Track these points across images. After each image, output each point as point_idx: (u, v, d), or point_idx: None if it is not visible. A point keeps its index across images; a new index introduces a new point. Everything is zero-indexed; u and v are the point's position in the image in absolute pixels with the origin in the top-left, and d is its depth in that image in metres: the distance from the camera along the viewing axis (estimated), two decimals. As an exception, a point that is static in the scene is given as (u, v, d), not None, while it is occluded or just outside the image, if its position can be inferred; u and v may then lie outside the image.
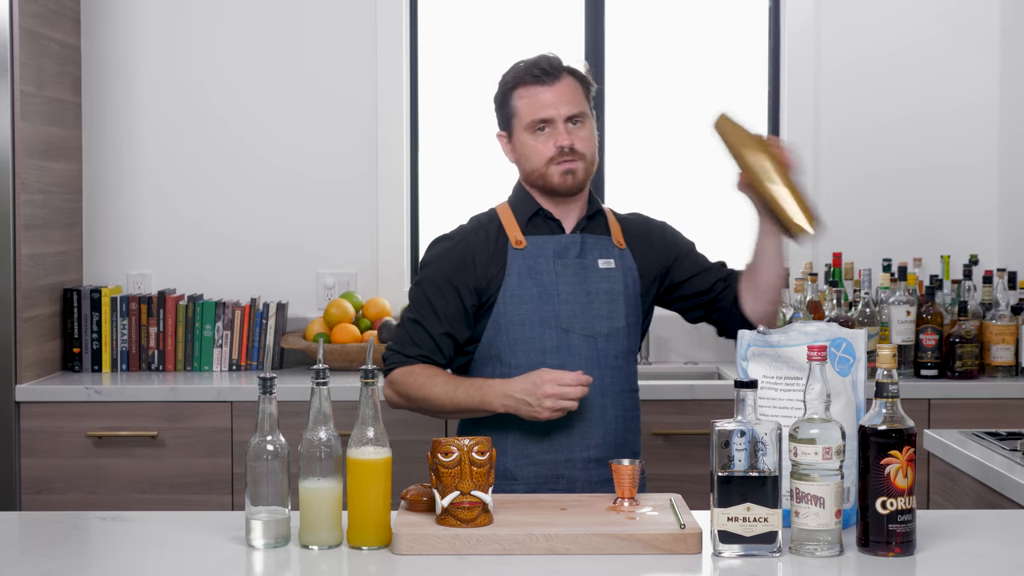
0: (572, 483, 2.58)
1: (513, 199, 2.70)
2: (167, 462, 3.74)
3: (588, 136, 2.63)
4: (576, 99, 2.62)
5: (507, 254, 2.62)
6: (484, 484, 2.06)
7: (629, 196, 4.46)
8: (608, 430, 2.61)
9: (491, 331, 2.60)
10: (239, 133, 4.33)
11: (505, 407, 2.51)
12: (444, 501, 2.05)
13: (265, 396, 2.04)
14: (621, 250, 2.69)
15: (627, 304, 2.65)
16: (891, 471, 1.96)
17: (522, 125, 2.62)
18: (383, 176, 4.32)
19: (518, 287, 2.59)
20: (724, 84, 4.48)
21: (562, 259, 2.63)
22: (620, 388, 2.64)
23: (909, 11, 4.35)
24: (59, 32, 4.06)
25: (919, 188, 4.36)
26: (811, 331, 2.15)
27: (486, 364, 2.62)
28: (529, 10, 4.47)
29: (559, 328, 2.59)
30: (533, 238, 2.64)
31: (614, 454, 2.61)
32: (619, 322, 2.64)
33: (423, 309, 2.61)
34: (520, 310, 2.59)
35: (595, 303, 2.62)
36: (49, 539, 2.10)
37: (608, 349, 2.62)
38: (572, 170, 2.61)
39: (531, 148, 2.62)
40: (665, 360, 4.33)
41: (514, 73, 2.64)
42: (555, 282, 2.61)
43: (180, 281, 4.32)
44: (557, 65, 2.62)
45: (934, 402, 3.76)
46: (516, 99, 2.63)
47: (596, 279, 2.64)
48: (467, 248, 2.62)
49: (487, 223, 2.67)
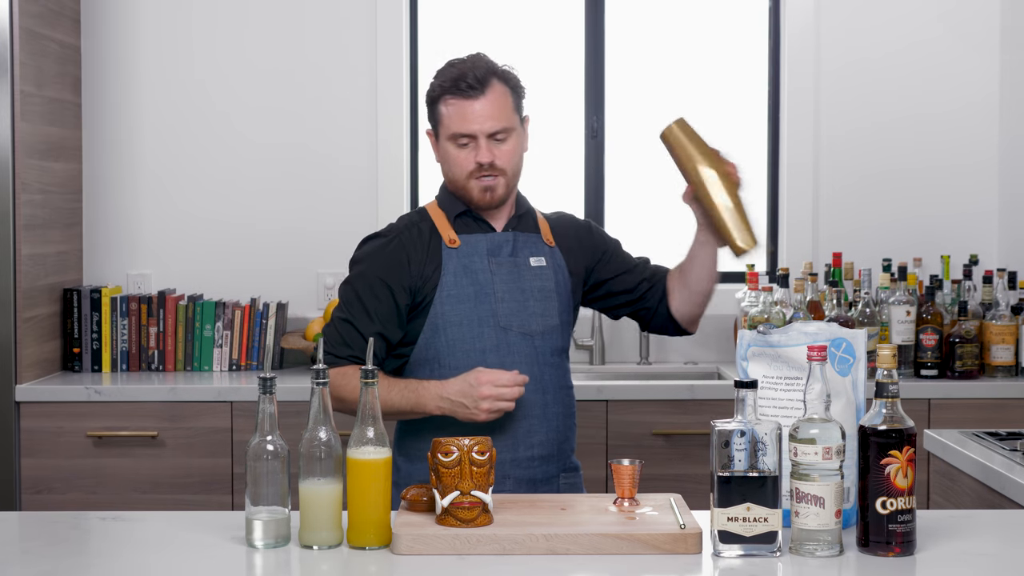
0: (518, 483, 2.56)
1: (442, 198, 2.67)
2: (167, 462, 3.74)
3: (511, 150, 2.58)
4: (502, 112, 2.56)
5: (442, 253, 2.59)
6: (484, 484, 2.06)
7: (629, 196, 4.46)
8: (550, 427, 2.60)
9: (428, 332, 2.57)
10: (239, 132, 4.33)
11: (441, 409, 2.48)
12: (444, 501, 2.05)
13: (265, 396, 2.03)
14: (551, 248, 2.68)
15: (560, 301, 2.65)
16: (891, 471, 1.96)
17: (446, 135, 2.58)
18: (383, 176, 4.32)
19: (455, 286, 2.57)
20: (724, 84, 4.48)
21: (495, 257, 2.61)
22: (558, 385, 2.63)
23: (909, 11, 4.35)
24: (59, 32, 4.06)
25: (919, 188, 4.36)
26: (811, 331, 2.15)
27: (422, 366, 2.58)
28: (529, 10, 4.47)
29: (497, 326, 2.57)
30: (466, 236, 2.61)
31: (556, 451, 2.61)
32: (553, 320, 2.63)
33: (355, 308, 2.57)
34: (457, 310, 2.56)
35: (530, 301, 2.60)
36: (49, 539, 2.10)
37: (544, 347, 2.61)
38: (491, 187, 2.57)
39: (452, 159, 2.59)
40: (665, 360, 4.33)
41: (441, 81, 2.59)
42: (491, 280, 2.59)
43: (180, 281, 4.32)
44: (485, 74, 2.55)
45: (934, 402, 3.76)
46: (442, 106, 2.58)
47: (529, 277, 2.62)
48: (400, 246, 2.58)
49: (419, 221, 2.63)
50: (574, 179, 4.45)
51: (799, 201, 4.35)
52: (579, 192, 4.44)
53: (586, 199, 4.44)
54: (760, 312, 3.76)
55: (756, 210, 2.58)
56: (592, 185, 4.45)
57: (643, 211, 4.46)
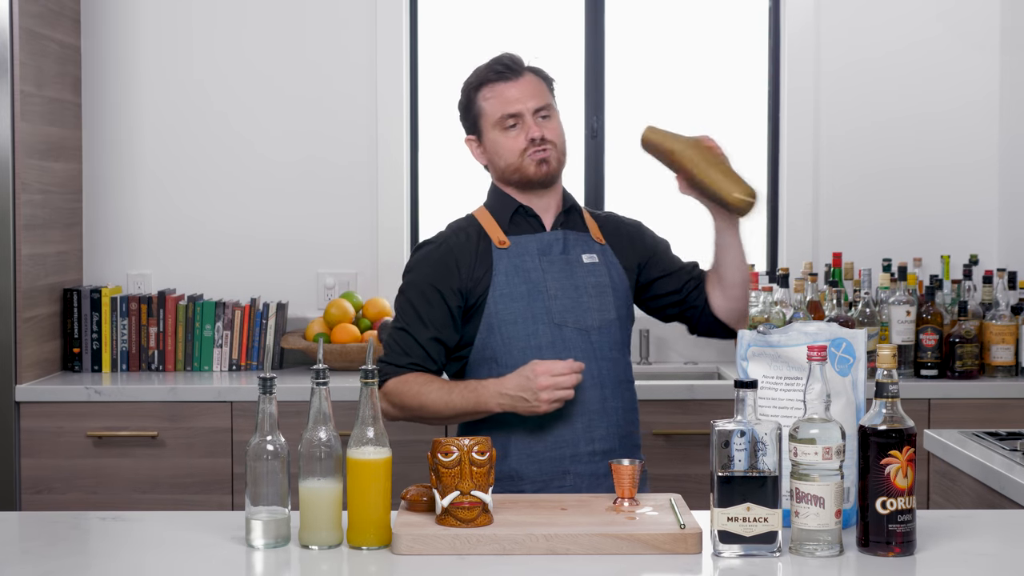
0: (579, 479, 2.58)
1: (490, 202, 2.70)
2: (167, 462, 3.74)
3: (557, 127, 2.66)
4: (541, 93, 2.65)
5: (492, 255, 2.61)
6: (484, 484, 2.06)
7: (629, 196, 4.46)
8: (611, 422, 2.62)
9: (484, 332, 2.59)
10: (239, 133, 4.33)
11: (502, 406, 2.50)
12: (444, 501, 2.05)
13: (265, 396, 2.04)
14: (601, 246, 2.71)
15: (616, 296, 2.67)
16: (891, 471, 1.96)
17: (490, 123, 2.63)
18: (383, 176, 4.32)
19: (507, 285, 2.59)
20: (724, 84, 4.48)
21: (547, 256, 2.63)
22: (618, 380, 2.64)
23: (909, 11, 4.35)
24: (59, 32, 4.06)
25: (919, 188, 4.36)
26: (811, 331, 2.15)
27: (481, 366, 2.61)
28: (529, 10, 4.47)
29: (552, 323, 2.59)
30: (516, 237, 2.64)
31: (618, 446, 2.62)
32: (610, 314, 2.64)
33: (409, 317, 2.60)
34: (511, 308, 2.58)
35: (584, 297, 2.62)
36: (49, 539, 2.10)
37: (602, 342, 2.62)
38: (545, 159, 2.62)
39: (502, 144, 2.63)
40: (665, 360, 4.33)
41: (476, 74, 2.67)
42: (543, 278, 2.61)
43: (180, 281, 4.32)
44: (519, 61, 2.66)
45: (934, 402, 3.76)
46: (481, 100, 2.65)
47: (582, 273, 2.64)
48: (449, 251, 2.62)
49: (467, 227, 2.67)
50: (574, 179, 4.44)
51: (799, 201, 4.35)
52: (579, 192, 4.44)
53: (586, 199, 4.43)
54: (760, 312, 3.76)
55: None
56: (592, 185, 4.45)
57: (643, 211, 4.43)
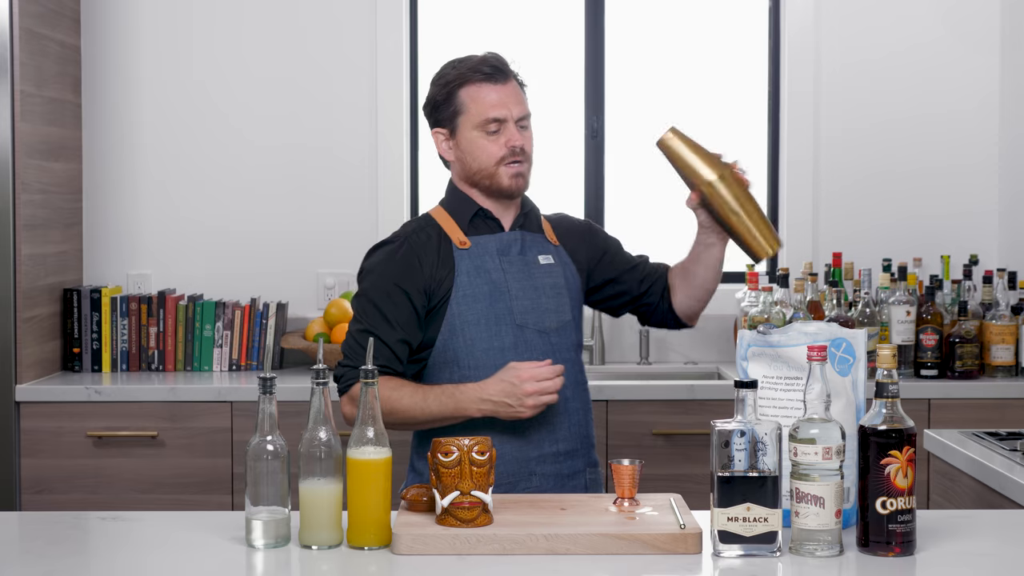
0: (544, 479, 2.57)
1: (449, 202, 2.66)
2: (167, 462, 3.74)
3: (531, 138, 2.63)
4: (523, 101, 2.61)
5: (453, 255, 2.59)
6: (484, 484, 2.06)
7: (629, 196, 4.46)
8: (572, 422, 2.61)
9: (445, 333, 2.55)
10: (239, 132, 4.33)
11: (482, 412, 2.48)
12: (444, 501, 2.05)
13: (265, 396, 2.04)
14: (556, 246, 2.70)
15: (571, 297, 2.67)
16: (891, 471, 1.96)
17: (471, 124, 2.57)
18: (383, 176, 4.32)
19: (469, 286, 2.56)
20: (724, 84, 4.48)
21: (506, 256, 2.61)
22: (575, 380, 2.64)
23: (909, 12, 4.35)
24: (59, 32, 4.06)
25: (919, 188, 4.36)
26: (811, 331, 2.15)
27: (442, 369, 2.57)
28: (529, 10, 4.47)
29: (514, 324, 2.57)
30: (475, 238, 2.61)
31: (579, 446, 2.62)
32: (566, 315, 2.64)
33: (373, 318, 2.54)
34: (474, 309, 2.55)
35: (542, 298, 2.61)
36: (49, 539, 2.10)
37: (560, 343, 2.62)
38: (521, 173, 2.59)
39: (480, 147, 2.58)
40: (665, 360, 4.33)
41: (459, 70, 2.59)
42: (504, 279, 2.59)
43: (180, 281, 4.32)
44: (505, 65, 2.61)
45: (934, 402, 3.76)
46: (465, 97, 2.58)
47: (540, 274, 2.63)
48: (411, 251, 2.57)
49: (426, 226, 2.62)
50: (574, 179, 4.45)
51: (799, 201, 4.35)
52: (579, 192, 4.44)
53: (586, 199, 4.44)
54: (760, 312, 3.76)
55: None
56: (592, 185, 4.45)
57: (643, 211, 4.46)
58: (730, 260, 2.83)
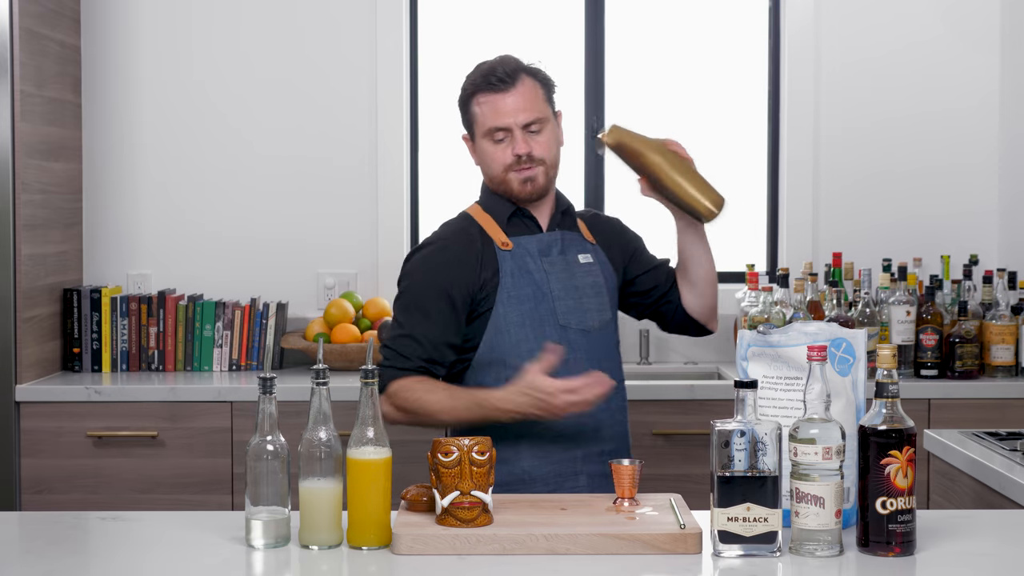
0: (592, 478, 2.58)
1: (485, 201, 2.67)
2: (167, 462, 3.74)
3: (547, 141, 2.61)
4: (534, 104, 2.59)
5: (496, 256, 2.59)
6: (484, 484, 2.05)
7: (630, 196, 4.45)
8: (615, 420, 2.64)
9: (491, 334, 2.57)
10: (239, 133, 4.33)
11: (513, 419, 2.47)
12: (444, 501, 2.05)
13: (265, 396, 2.04)
14: (593, 245, 2.72)
15: (610, 297, 2.69)
16: (891, 471, 1.96)
17: (481, 132, 2.61)
18: (383, 176, 4.32)
19: (513, 287, 2.57)
20: (724, 84, 4.48)
21: (547, 257, 2.63)
22: (616, 378, 2.63)
23: (909, 11, 4.35)
24: (59, 32, 4.06)
25: (919, 188, 4.36)
26: (811, 331, 2.15)
27: (488, 368, 2.58)
28: (529, 10, 4.47)
29: (558, 325, 2.59)
30: (516, 238, 2.63)
31: (622, 445, 2.65)
32: (607, 314, 2.67)
33: (414, 319, 2.54)
34: (519, 310, 2.57)
35: (584, 298, 2.63)
36: (49, 539, 2.10)
37: (602, 342, 2.64)
38: (531, 177, 2.60)
39: (489, 155, 2.61)
40: (665, 360, 4.33)
41: (472, 79, 2.62)
42: (546, 280, 2.60)
43: (180, 281, 4.31)
44: (514, 69, 2.59)
45: (934, 402, 3.76)
46: (475, 105, 2.61)
47: (581, 274, 2.65)
48: (453, 254, 2.58)
49: (468, 227, 2.63)
50: (574, 179, 4.44)
51: (799, 201, 4.35)
52: (579, 192, 4.44)
53: (586, 199, 4.43)
54: (760, 312, 3.76)
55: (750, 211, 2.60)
56: (592, 185, 4.45)
57: (643, 211, 4.44)
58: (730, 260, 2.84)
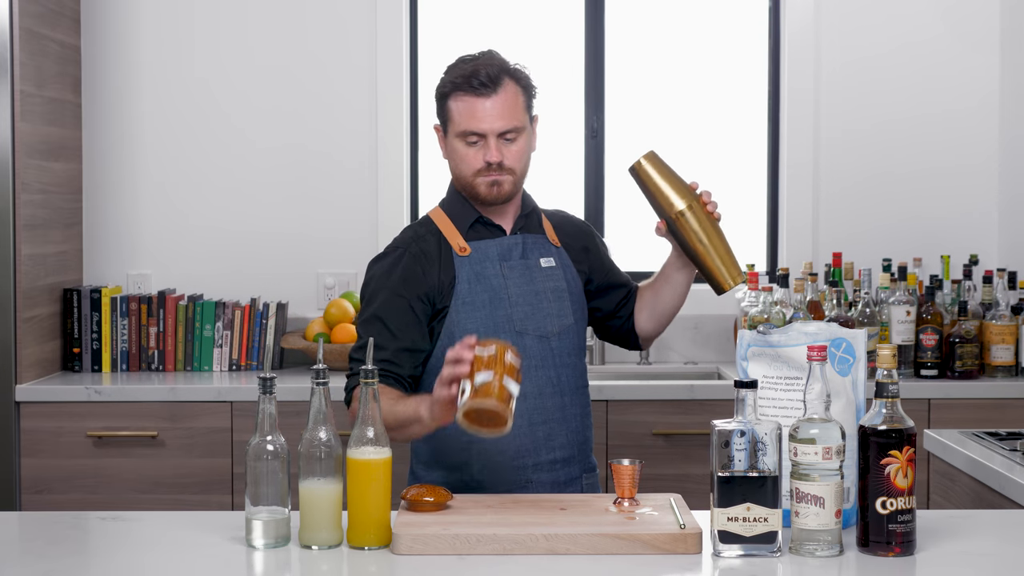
0: (541, 487, 2.54)
1: (449, 204, 2.63)
2: (167, 462, 3.74)
3: (519, 150, 2.56)
4: (513, 113, 2.54)
5: (454, 262, 2.56)
6: (515, 377, 2.13)
7: (630, 196, 4.45)
8: (570, 428, 2.59)
9: (444, 340, 2.53)
10: (239, 133, 4.33)
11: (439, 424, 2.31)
12: (477, 380, 2.10)
13: (265, 396, 2.04)
14: (557, 248, 2.68)
15: (573, 301, 2.64)
16: (891, 471, 1.96)
17: (455, 132, 2.55)
18: (383, 176, 4.32)
19: (469, 294, 2.54)
20: (724, 84, 4.48)
21: (507, 261, 2.59)
22: (576, 385, 2.62)
23: (909, 11, 4.35)
24: (59, 32, 4.06)
25: (919, 188, 4.36)
26: (811, 331, 2.15)
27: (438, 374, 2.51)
28: (529, 10, 4.48)
29: (513, 331, 2.55)
30: (476, 243, 2.59)
31: (577, 452, 2.60)
32: (568, 319, 2.62)
33: (373, 328, 2.50)
34: (473, 317, 2.53)
35: (544, 302, 2.59)
36: (49, 539, 2.10)
37: (561, 347, 2.60)
38: (498, 182, 2.55)
39: (460, 156, 2.56)
40: (665, 360, 4.33)
41: (453, 77, 2.55)
42: (504, 285, 2.57)
43: (180, 281, 4.32)
44: (497, 73, 2.53)
45: (934, 402, 3.76)
46: (452, 102, 2.54)
47: (541, 278, 2.61)
48: (412, 259, 2.55)
49: (425, 233, 2.60)
50: (574, 179, 4.45)
51: (799, 201, 4.35)
52: (579, 192, 4.44)
53: (586, 199, 4.44)
54: (760, 312, 3.76)
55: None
56: (592, 185, 4.45)
57: (643, 211, 4.44)
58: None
